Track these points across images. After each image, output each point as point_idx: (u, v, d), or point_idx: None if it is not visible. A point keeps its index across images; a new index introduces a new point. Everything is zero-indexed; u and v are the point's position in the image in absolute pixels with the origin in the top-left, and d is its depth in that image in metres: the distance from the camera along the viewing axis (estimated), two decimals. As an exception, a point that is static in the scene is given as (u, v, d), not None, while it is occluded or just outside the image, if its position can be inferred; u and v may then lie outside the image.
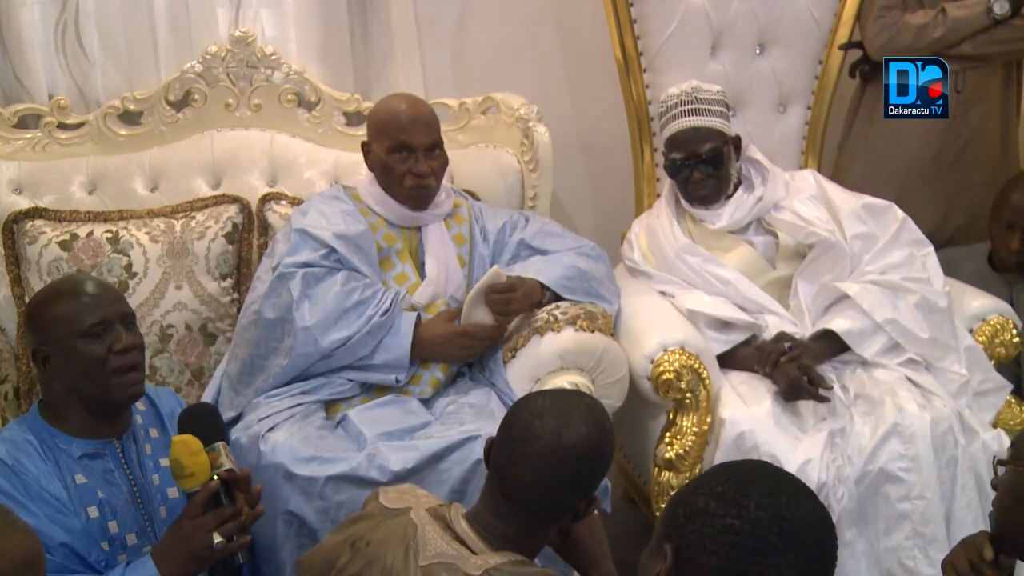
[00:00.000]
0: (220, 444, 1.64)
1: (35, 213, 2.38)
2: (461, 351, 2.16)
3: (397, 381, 2.12)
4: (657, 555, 1.17)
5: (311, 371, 2.12)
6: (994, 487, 1.48)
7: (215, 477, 1.61)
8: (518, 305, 2.17)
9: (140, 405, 1.79)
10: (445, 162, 2.27)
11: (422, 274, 2.25)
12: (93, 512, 1.63)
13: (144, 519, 1.72)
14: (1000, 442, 2.12)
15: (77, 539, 1.60)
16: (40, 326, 1.65)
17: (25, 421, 1.69)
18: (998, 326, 2.32)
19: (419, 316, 2.16)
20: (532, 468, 1.39)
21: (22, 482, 1.59)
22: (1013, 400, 2.29)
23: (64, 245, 2.32)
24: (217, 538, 1.57)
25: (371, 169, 2.28)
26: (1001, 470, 1.47)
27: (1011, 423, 2.25)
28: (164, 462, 1.75)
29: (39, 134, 2.52)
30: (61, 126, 2.54)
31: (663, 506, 2.15)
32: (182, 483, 1.61)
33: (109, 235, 2.35)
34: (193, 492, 1.61)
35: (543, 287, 2.23)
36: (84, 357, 1.64)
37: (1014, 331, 2.32)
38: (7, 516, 1.20)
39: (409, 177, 2.20)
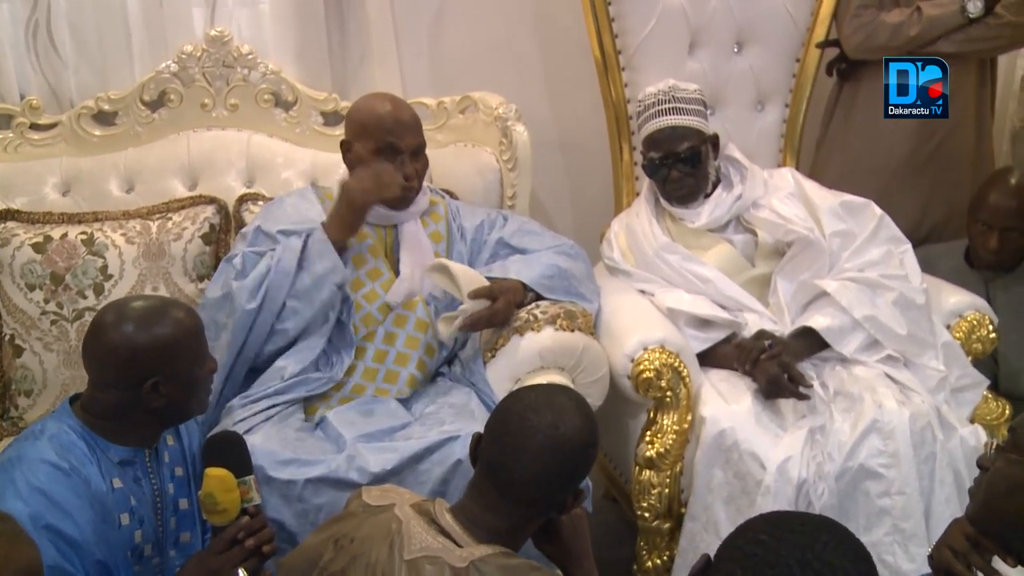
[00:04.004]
0: (251, 478, 1.64)
1: (7, 215, 2.35)
2: (368, 177, 2.12)
3: (342, 297, 2.12)
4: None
5: (270, 343, 2.10)
6: (980, 466, 1.47)
7: (243, 510, 1.61)
8: (500, 319, 2.16)
9: None
10: (427, 164, 2.27)
11: (396, 271, 2.23)
12: (125, 519, 1.61)
13: (159, 529, 1.70)
14: (977, 437, 2.14)
15: (111, 554, 1.56)
16: (155, 357, 1.60)
17: (61, 421, 1.62)
18: (975, 322, 2.33)
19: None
20: (531, 461, 1.41)
21: (73, 487, 1.53)
22: (990, 395, 2.31)
23: (38, 247, 2.29)
24: (242, 573, 1.58)
25: (350, 168, 2.27)
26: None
27: (988, 418, 2.26)
28: (179, 472, 1.74)
29: (11, 135, 2.49)
30: (33, 127, 2.51)
31: (644, 504, 2.16)
32: (213, 518, 1.60)
33: (84, 237, 2.32)
34: (222, 526, 1.60)
35: (525, 288, 2.22)
36: (199, 380, 1.68)
37: (990, 327, 2.34)
38: (15, 527, 1.22)
39: None
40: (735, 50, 2.73)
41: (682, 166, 2.38)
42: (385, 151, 2.18)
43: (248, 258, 2.14)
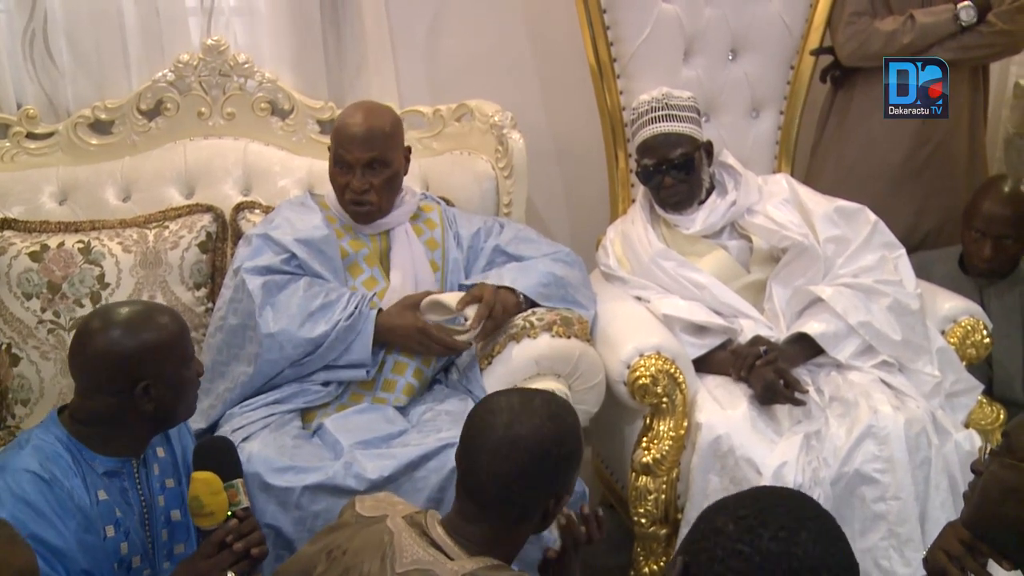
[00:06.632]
0: (239, 481, 1.63)
1: (4, 224, 2.35)
2: (419, 347, 2.15)
3: (368, 373, 2.11)
4: (672, 565, 1.15)
5: (280, 378, 2.10)
6: (975, 470, 1.48)
7: (231, 514, 1.60)
8: (496, 322, 2.16)
9: None
10: (391, 178, 2.22)
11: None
12: (111, 531, 1.60)
13: (148, 541, 1.69)
14: (972, 442, 2.14)
15: (97, 564, 1.56)
16: (144, 360, 1.60)
17: (48, 431, 1.61)
18: (969, 327, 2.34)
19: (380, 308, 2.15)
20: (486, 462, 1.41)
21: (56, 497, 1.53)
22: (984, 400, 2.32)
23: (34, 256, 2.30)
24: None
25: None
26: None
27: (982, 423, 2.27)
28: (169, 483, 1.73)
29: (7, 144, 2.50)
30: (30, 136, 2.52)
31: (640, 511, 2.16)
32: (200, 521, 1.60)
33: (81, 246, 2.33)
34: (210, 530, 1.59)
35: (516, 294, 2.22)
36: (187, 382, 1.67)
37: (984, 332, 2.35)
38: (10, 531, 1.22)
39: (348, 191, 2.20)
40: (730, 57, 2.74)
41: (676, 173, 2.39)
42: (339, 162, 2.19)
43: (268, 288, 2.11)
